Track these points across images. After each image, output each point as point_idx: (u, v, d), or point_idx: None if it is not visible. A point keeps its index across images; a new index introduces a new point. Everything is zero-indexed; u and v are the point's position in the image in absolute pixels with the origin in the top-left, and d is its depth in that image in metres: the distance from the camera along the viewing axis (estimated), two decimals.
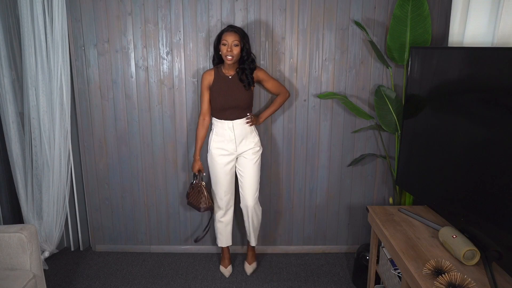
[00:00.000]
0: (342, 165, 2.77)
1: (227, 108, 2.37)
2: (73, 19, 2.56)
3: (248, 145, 2.45)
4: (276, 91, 2.50)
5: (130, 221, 2.89)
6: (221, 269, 2.68)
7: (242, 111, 2.40)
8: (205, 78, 2.40)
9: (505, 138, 1.55)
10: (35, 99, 2.51)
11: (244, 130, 2.42)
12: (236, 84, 2.36)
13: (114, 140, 2.75)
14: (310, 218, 2.88)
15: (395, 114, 2.47)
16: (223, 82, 2.37)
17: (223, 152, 2.44)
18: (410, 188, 2.24)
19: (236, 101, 2.35)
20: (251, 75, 2.37)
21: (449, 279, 1.43)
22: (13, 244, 1.90)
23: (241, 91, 2.36)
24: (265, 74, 2.45)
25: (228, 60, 2.26)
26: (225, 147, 2.43)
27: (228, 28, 2.28)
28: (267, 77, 2.46)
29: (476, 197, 1.74)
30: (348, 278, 2.60)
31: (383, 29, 2.54)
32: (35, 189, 2.65)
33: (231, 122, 2.39)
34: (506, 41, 1.76)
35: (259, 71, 2.42)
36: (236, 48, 2.25)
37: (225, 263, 2.69)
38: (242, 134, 2.42)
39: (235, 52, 2.24)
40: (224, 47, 2.25)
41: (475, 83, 1.72)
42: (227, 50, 2.24)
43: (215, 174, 2.50)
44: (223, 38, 2.25)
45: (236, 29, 2.27)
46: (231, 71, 2.37)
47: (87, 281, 2.55)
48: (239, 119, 2.40)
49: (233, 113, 2.38)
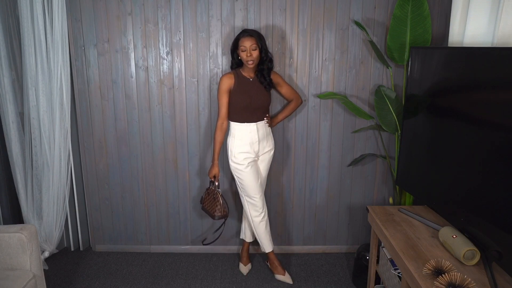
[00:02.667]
0: (342, 165, 2.77)
1: (251, 110, 2.37)
2: (73, 19, 2.56)
3: (268, 146, 2.50)
4: (290, 96, 2.52)
5: (130, 221, 2.89)
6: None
7: (263, 112, 2.43)
8: (225, 82, 2.35)
9: (505, 138, 1.55)
10: (35, 99, 2.51)
11: (266, 132, 2.46)
12: (258, 85, 2.39)
13: (114, 140, 2.75)
14: (310, 218, 2.87)
15: (395, 114, 2.47)
16: (245, 84, 2.37)
17: (248, 155, 2.41)
18: (410, 188, 2.24)
19: (260, 102, 2.37)
20: (269, 76, 2.39)
21: (449, 279, 1.43)
22: (13, 244, 1.90)
23: (263, 92, 2.39)
24: (281, 78, 2.49)
25: (250, 65, 2.29)
26: (250, 150, 2.41)
27: (243, 33, 2.28)
28: (283, 82, 2.49)
29: (476, 197, 1.74)
30: (348, 278, 2.60)
31: (383, 29, 2.54)
32: (35, 189, 2.65)
33: (254, 124, 2.39)
34: (506, 41, 1.76)
35: (274, 74, 2.45)
36: (255, 52, 2.27)
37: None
38: (264, 136, 2.45)
39: (254, 55, 2.27)
40: (243, 53, 2.27)
41: (475, 83, 1.72)
42: (247, 56, 2.26)
43: (244, 178, 2.41)
44: (241, 44, 2.26)
45: (251, 33, 2.27)
46: (252, 73, 2.39)
47: (87, 281, 2.55)
48: (261, 121, 2.42)
49: (257, 115, 2.39)
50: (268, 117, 2.46)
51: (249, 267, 2.70)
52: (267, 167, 2.56)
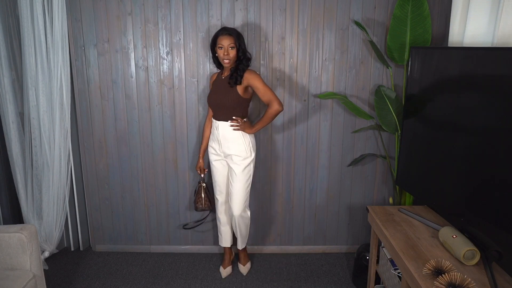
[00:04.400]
0: (342, 165, 2.77)
1: (213, 106, 2.40)
2: (73, 19, 2.56)
3: (234, 150, 2.36)
4: (265, 100, 2.26)
5: (130, 221, 2.89)
6: (220, 269, 2.67)
7: (227, 112, 2.32)
8: (211, 79, 2.52)
9: (505, 138, 1.55)
10: (35, 99, 2.51)
11: (229, 134, 2.35)
12: (225, 83, 2.34)
13: (114, 140, 2.75)
14: (310, 218, 2.87)
15: (395, 114, 2.47)
16: (218, 82, 2.40)
17: (211, 150, 2.50)
18: (410, 188, 2.24)
19: (220, 100, 2.32)
20: (241, 73, 2.26)
21: (449, 279, 1.43)
22: (13, 244, 1.90)
23: (226, 89, 2.30)
24: (256, 79, 2.24)
25: (226, 63, 2.28)
26: (213, 146, 2.48)
27: (222, 31, 2.26)
28: (258, 83, 2.24)
29: (476, 197, 1.74)
30: (348, 278, 2.60)
31: (383, 29, 2.54)
32: (35, 189, 2.65)
33: (216, 122, 2.40)
34: (506, 41, 1.76)
35: (250, 73, 2.26)
36: (232, 51, 2.25)
37: (224, 263, 2.68)
38: (226, 137, 2.36)
39: (231, 55, 2.25)
40: (220, 51, 2.25)
41: (475, 83, 1.72)
42: (224, 54, 2.25)
43: (211, 172, 2.57)
44: (219, 42, 2.25)
45: (230, 31, 2.25)
46: (227, 72, 2.36)
47: (87, 281, 2.55)
48: (224, 120, 2.36)
49: (218, 113, 2.37)
50: (236, 120, 2.33)
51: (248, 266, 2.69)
52: (242, 175, 2.37)
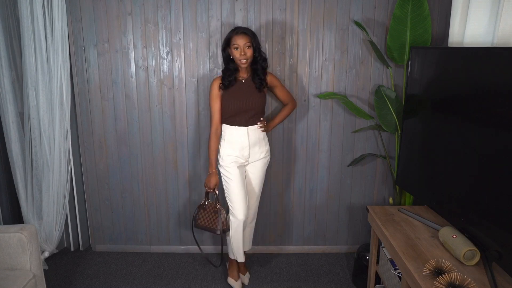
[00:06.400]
0: (342, 165, 2.77)
1: (241, 112, 2.25)
2: (73, 19, 2.56)
3: (260, 154, 2.36)
4: (285, 99, 2.45)
5: (130, 221, 2.89)
6: (230, 281, 2.49)
7: (256, 116, 2.30)
8: (216, 87, 2.27)
9: (504, 138, 1.55)
10: (35, 99, 2.51)
11: (258, 137, 2.33)
12: (250, 86, 2.27)
13: (114, 140, 2.75)
14: (310, 218, 2.87)
15: (395, 114, 2.47)
16: (239, 86, 2.26)
17: (237, 159, 2.31)
18: (410, 188, 2.24)
19: (250, 104, 2.25)
20: (263, 76, 2.28)
21: (449, 279, 1.43)
22: (13, 244, 1.90)
23: (255, 93, 2.27)
24: (277, 80, 2.40)
25: (243, 64, 2.18)
26: (239, 155, 2.30)
27: (236, 30, 2.17)
28: (279, 84, 2.40)
29: (476, 197, 1.73)
30: (348, 278, 2.60)
31: (383, 29, 2.54)
32: (35, 189, 2.65)
33: (245, 128, 2.27)
34: (506, 41, 1.76)
35: (271, 75, 2.36)
36: (249, 50, 2.16)
37: (234, 275, 2.51)
38: (256, 141, 2.32)
39: (248, 54, 2.16)
40: (236, 52, 2.16)
41: (475, 83, 1.72)
42: (241, 54, 2.15)
43: (230, 184, 2.32)
44: (233, 42, 2.15)
45: (245, 30, 2.17)
46: (244, 74, 2.27)
47: (87, 281, 2.55)
48: (253, 125, 2.29)
49: (247, 118, 2.27)
50: (263, 122, 2.33)
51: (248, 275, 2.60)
52: (260, 175, 2.40)
